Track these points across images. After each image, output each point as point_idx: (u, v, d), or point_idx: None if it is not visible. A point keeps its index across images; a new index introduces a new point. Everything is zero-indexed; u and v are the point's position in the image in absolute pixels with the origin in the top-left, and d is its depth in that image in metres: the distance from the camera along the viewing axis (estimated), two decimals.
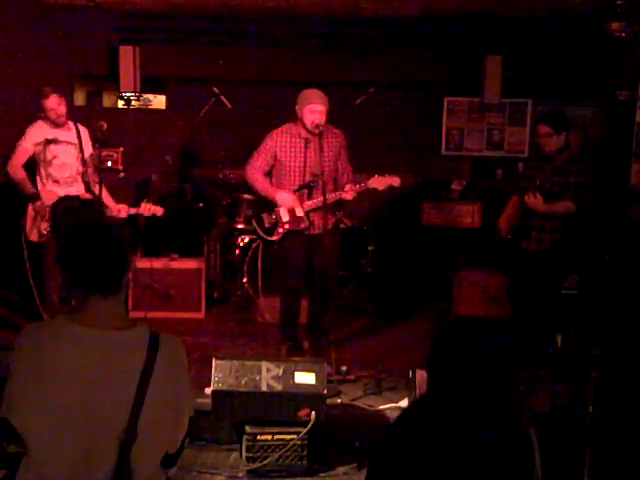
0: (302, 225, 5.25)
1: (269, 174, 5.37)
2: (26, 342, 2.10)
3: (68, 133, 5.60)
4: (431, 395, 2.02)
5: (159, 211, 5.72)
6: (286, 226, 5.29)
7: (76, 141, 5.61)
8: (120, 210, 5.64)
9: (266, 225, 5.34)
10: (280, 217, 5.29)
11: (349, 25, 7.48)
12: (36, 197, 5.46)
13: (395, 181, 5.19)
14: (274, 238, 5.34)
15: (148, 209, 5.67)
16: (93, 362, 2.05)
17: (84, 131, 5.71)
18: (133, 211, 5.70)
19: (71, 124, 5.65)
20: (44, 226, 5.44)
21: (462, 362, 1.96)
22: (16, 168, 5.52)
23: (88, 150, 5.73)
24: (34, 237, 5.47)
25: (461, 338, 2.00)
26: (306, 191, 5.22)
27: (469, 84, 7.58)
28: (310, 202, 5.20)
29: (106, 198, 5.61)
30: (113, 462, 2.02)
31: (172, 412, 2.15)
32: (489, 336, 1.99)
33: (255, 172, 5.32)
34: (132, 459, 2.03)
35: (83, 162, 5.64)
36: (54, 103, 5.48)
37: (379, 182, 5.16)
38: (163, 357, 2.11)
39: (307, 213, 5.23)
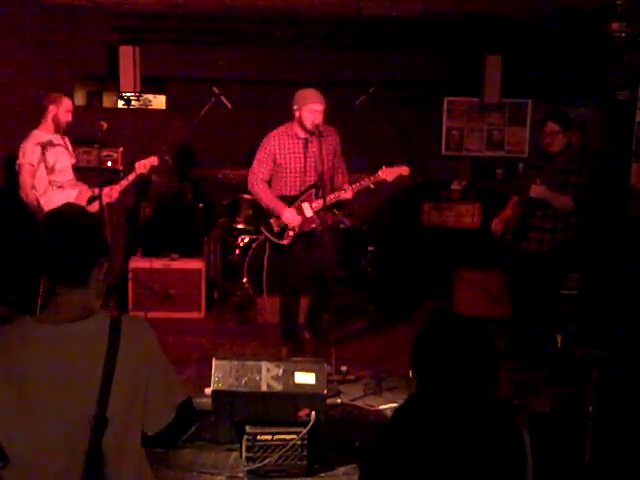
0: (313, 225, 5.21)
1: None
2: None
3: (56, 137, 5.55)
4: (420, 395, 2.01)
5: (154, 160, 5.60)
6: (296, 228, 5.24)
7: (64, 144, 5.58)
8: (111, 191, 5.53)
9: (275, 229, 5.27)
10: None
11: (349, 25, 7.48)
12: None
13: (404, 170, 5.18)
14: (285, 242, 5.26)
15: (143, 165, 5.58)
16: (57, 357, 2.04)
17: (67, 139, 5.67)
18: (132, 177, 5.58)
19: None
20: None
21: (441, 358, 1.95)
22: (28, 191, 5.38)
23: (73, 158, 5.71)
24: None
25: (440, 334, 2.00)
26: (313, 191, 5.20)
27: (469, 84, 7.57)
28: (318, 202, 5.15)
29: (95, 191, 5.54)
30: (85, 453, 2.02)
31: (145, 392, 2.12)
32: (469, 331, 1.99)
33: (259, 183, 5.23)
34: (105, 445, 2.03)
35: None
36: (69, 106, 5.45)
37: (388, 173, 5.14)
38: (126, 339, 2.08)
39: (317, 213, 5.21)
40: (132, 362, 2.08)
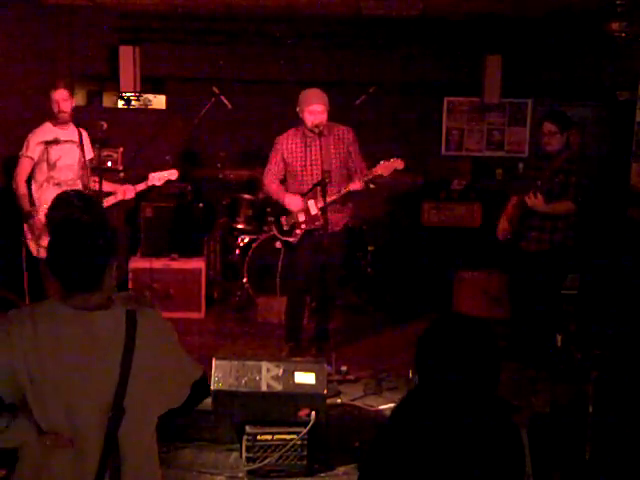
0: (317, 223, 5.24)
1: (284, 181, 5.44)
2: (18, 321, 2.11)
3: (69, 133, 5.55)
4: (419, 393, 2.01)
5: (173, 175, 5.65)
6: (303, 226, 5.32)
7: (77, 140, 5.57)
8: (125, 191, 5.59)
9: (284, 227, 5.38)
10: (297, 218, 5.33)
11: (349, 25, 7.48)
12: (29, 216, 5.34)
13: (399, 164, 5.23)
14: (292, 239, 5.37)
15: (158, 178, 5.62)
16: (80, 342, 2.09)
17: (85, 134, 5.67)
18: (142, 187, 5.63)
19: (72, 126, 5.59)
20: (46, 241, 5.29)
21: (444, 358, 1.96)
22: (20, 182, 5.42)
23: (89, 154, 5.68)
24: (43, 254, 5.32)
25: (444, 334, 2.00)
26: (319, 189, 5.22)
27: (469, 84, 7.57)
28: (324, 200, 5.17)
29: (109, 187, 5.56)
30: (102, 440, 2.06)
31: (160, 381, 2.18)
32: (473, 332, 1.99)
33: (268, 179, 5.40)
34: (120, 435, 2.07)
35: (83, 165, 5.62)
36: (61, 96, 5.45)
37: (384, 167, 5.19)
38: (142, 331, 2.14)
39: (322, 210, 5.21)
40: (149, 353, 2.14)
